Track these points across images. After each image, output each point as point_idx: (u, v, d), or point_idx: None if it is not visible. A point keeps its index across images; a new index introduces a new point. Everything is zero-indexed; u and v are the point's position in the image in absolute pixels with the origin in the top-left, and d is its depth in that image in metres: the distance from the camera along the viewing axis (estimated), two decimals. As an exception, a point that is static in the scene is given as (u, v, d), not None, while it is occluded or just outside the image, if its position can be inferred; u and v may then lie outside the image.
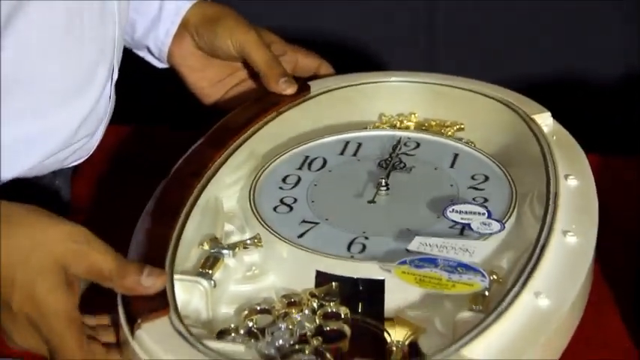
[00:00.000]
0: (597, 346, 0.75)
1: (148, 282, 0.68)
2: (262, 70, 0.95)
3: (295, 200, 0.81)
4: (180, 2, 0.98)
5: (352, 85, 0.98)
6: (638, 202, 0.84)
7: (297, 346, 0.65)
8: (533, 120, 0.88)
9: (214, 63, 0.99)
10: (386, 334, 0.67)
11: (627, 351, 0.75)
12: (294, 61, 1.00)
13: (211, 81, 1.00)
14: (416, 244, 0.71)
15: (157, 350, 0.63)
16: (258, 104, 0.93)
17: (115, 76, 0.89)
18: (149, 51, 1.00)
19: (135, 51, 1.02)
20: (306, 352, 0.65)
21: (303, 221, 0.77)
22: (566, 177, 0.79)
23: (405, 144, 0.89)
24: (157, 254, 0.69)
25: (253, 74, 0.99)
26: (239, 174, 0.84)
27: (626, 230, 0.82)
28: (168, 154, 0.82)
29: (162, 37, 0.99)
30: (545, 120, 0.89)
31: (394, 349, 0.66)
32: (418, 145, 0.89)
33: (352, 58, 1.15)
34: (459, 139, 0.90)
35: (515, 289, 0.65)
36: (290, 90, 0.94)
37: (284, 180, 0.84)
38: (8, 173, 0.82)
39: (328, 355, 0.64)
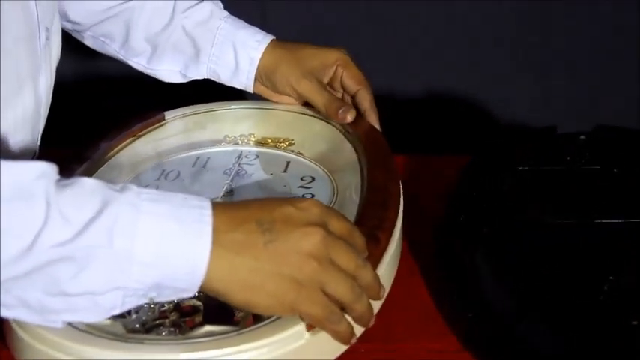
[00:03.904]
0: (406, 309, 0.79)
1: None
2: (323, 110, 0.96)
3: (153, 204, 0.86)
4: (252, 53, 1.00)
5: (201, 112, 1.03)
6: (439, 191, 0.89)
7: (158, 321, 0.68)
8: (347, 130, 0.94)
9: None
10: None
11: (431, 313, 0.80)
12: (340, 75, 0.99)
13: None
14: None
15: (34, 326, 0.65)
16: (122, 130, 0.96)
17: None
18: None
19: None
20: (167, 324, 0.68)
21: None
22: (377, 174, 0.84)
23: (245, 156, 0.94)
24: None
25: None
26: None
27: (429, 214, 0.87)
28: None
29: (244, 83, 1.02)
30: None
31: (241, 316, 0.68)
32: (257, 156, 0.94)
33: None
34: (291, 151, 0.95)
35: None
36: (349, 117, 0.94)
37: (144, 189, 0.89)
38: None
39: (184, 326, 0.68)
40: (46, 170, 0.61)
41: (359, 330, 0.68)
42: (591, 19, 1.51)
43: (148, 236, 0.60)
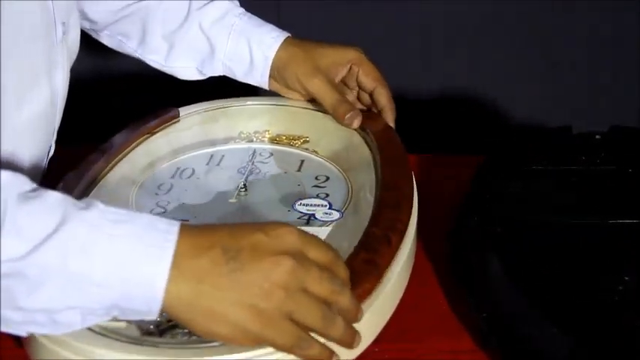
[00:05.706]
0: (420, 309, 0.79)
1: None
2: (330, 110, 0.95)
3: (168, 203, 0.84)
4: (267, 51, 0.98)
5: (216, 109, 1.01)
6: (453, 191, 0.89)
7: (172, 323, 0.67)
8: (362, 128, 0.93)
9: None
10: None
11: (446, 313, 0.79)
12: (355, 73, 0.97)
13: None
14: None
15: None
16: (137, 126, 0.95)
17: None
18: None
19: None
20: (181, 327, 0.66)
21: (174, 219, 0.80)
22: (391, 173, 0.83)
23: (260, 154, 0.93)
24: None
25: None
26: (123, 183, 0.87)
27: (443, 214, 0.86)
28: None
29: (259, 80, 1.00)
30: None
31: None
32: (271, 154, 0.93)
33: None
34: (305, 149, 0.94)
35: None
36: (355, 123, 0.93)
37: (159, 187, 0.87)
38: None
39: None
40: (9, 181, 0.60)
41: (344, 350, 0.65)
42: (606, 17, 1.50)
43: (105, 258, 0.59)
